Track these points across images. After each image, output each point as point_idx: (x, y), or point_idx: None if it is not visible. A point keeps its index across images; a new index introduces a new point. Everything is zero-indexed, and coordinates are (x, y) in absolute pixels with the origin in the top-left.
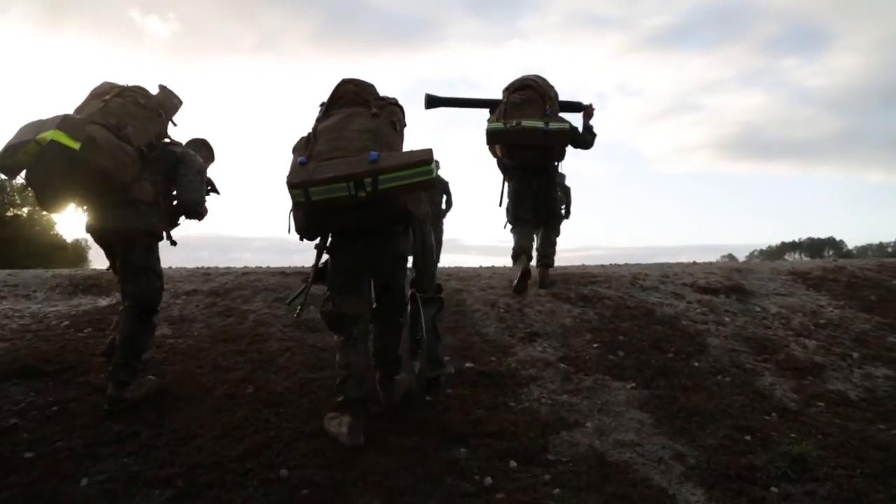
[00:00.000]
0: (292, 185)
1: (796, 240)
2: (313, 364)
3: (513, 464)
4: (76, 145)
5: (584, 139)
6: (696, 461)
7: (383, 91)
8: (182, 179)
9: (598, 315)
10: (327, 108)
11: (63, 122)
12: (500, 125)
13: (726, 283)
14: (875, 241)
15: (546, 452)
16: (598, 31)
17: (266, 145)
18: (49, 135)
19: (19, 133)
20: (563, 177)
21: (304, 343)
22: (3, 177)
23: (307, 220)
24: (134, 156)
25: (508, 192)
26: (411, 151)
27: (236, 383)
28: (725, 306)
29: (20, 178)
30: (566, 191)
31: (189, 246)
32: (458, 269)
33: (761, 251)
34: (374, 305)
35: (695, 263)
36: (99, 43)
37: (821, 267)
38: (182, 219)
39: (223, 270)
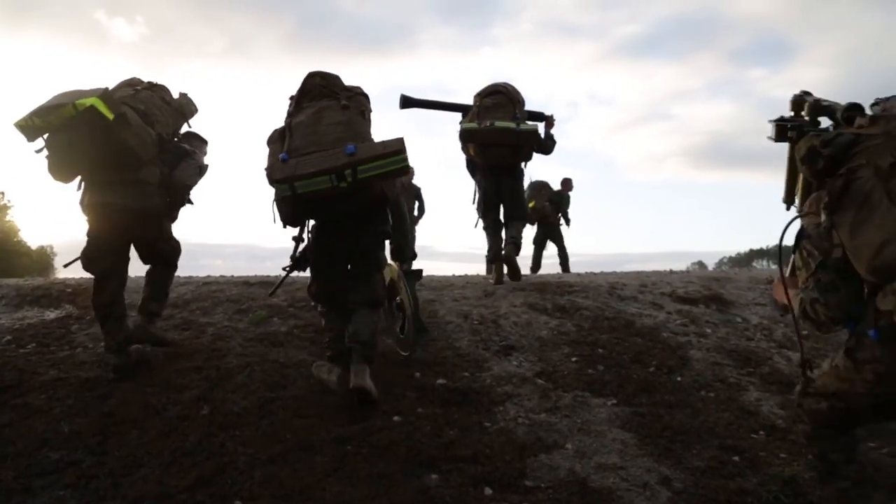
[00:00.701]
0: (278, 181)
1: (764, 247)
2: (275, 382)
3: (488, 491)
4: (111, 116)
5: (546, 145)
6: (684, 485)
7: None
8: (182, 164)
9: (575, 327)
10: (298, 102)
11: (104, 94)
12: (474, 125)
13: (705, 293)
14: None
15: (524, 478)
16: (569, 39)
17: (236, 151)
18: (89, 101)
19: (55, 98)
20: (569, 183)
21: (265, 359)
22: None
23: (294, 210)
24: (155, 140)
25: (479, 191)
26: (384, 142)
27: (190, 403)
28: (706, 317)
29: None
30: (566, 199)
31: None
32: (430, 279)
33: (730, 258)
34: (353, 290)
35: (672, 272)
36: (64, 44)
37: None
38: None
39: (183, 280)
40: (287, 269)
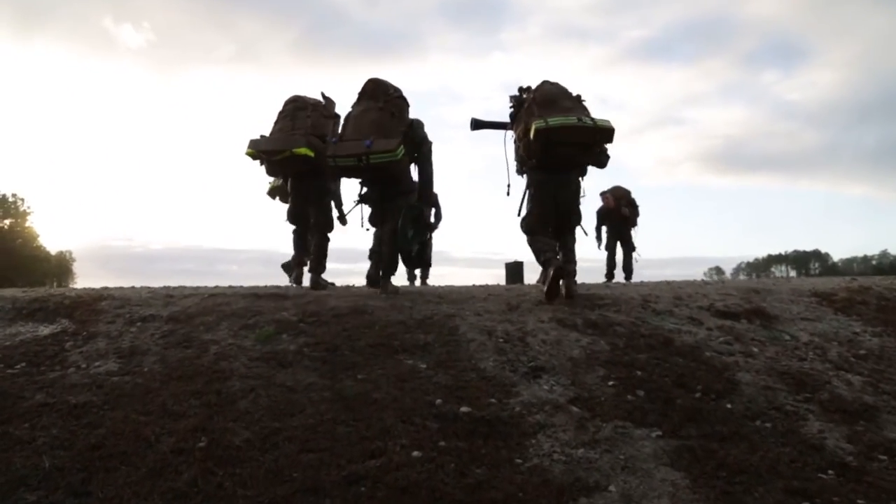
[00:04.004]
0: (328, 155)
1: (782, 252)
2: (281, 410)
3: None
4: (312, 154)
5: (600, 160)
6: None
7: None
8: None
9: (609, 345)
10: (358, 99)
11: (308, 142)
12: None
13: (746, 307)
14: (860, 253)
15: None
16: (579, 43)
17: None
18: (302, 151)
19: (274, 143)
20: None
21: (271, 382)
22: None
23: (341, 173)
24: (326, 149)
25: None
26: (388, 140)
27: (186, 434)
28: (751, 334)
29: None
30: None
31: (174, 258)
32: (450, 290)
33: (748, 263)
34: (384, 222)
35: (706, 283)
36: (71, 52)
37: (845, 287)
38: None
39: (189, 292)
40: (356, 201)
